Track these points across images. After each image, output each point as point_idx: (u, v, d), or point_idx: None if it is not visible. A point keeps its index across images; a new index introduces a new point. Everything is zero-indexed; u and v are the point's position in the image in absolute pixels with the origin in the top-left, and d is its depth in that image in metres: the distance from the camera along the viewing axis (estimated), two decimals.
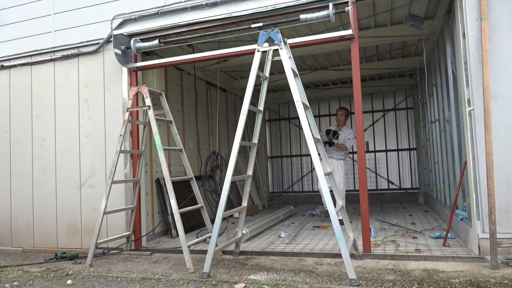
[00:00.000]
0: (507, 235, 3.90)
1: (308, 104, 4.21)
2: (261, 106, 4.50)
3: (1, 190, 6.09)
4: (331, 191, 3.83)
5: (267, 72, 4.44)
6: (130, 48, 5.41)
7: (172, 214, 4.81)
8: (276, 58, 4.27)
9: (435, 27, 6.08)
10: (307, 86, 9.92)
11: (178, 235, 4.36)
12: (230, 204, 8.14)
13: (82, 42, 5.75)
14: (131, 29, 5.45)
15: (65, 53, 5.82)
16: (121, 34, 5.46)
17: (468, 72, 4.19)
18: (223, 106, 9.08)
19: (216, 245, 3.96)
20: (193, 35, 5.29)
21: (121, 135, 4.82)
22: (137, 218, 5.39)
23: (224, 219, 4.00)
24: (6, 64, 6.18)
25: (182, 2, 5.27)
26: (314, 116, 4.80)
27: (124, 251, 5.20)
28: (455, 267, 3.81)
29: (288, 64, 4.07)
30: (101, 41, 5.59)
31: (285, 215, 7.50)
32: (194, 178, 5.15)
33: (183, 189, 6.15)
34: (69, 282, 3.96)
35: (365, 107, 10.39)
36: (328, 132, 6.78)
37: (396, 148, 10.42)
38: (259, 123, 4.53)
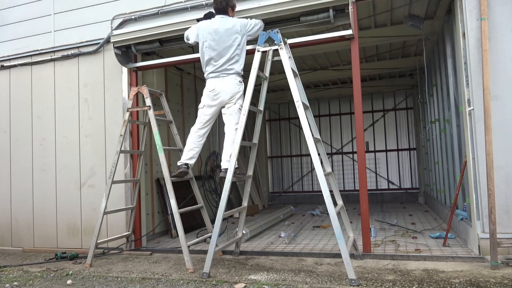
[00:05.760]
0: (507, 235, 3.90)
1: (308, 104, 4.21)
2: (261, 106, 4.50)
3: (1, 190, 6.09)
4: (331, 191, 3.83)
5: (267, 72, 4.44)
6: (130, 48, 5.42)
7: (172, 214, 4.82)
8: (276, 58, 4.27)
9: (435, 27, 6.08)
10: (307, 86, 9.91)
11: (178, 235, 4.36)
12: (230, 204, 8.13)
13: (82, 42, 5.75)
14: (131, 29, 5.45)
15: (65, 53, 5.82)
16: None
17: (468, 72, 4.18)
18: None
19: (217, 245, 3.96)
20: None
21: (121, 135, 4.82)
22: (137, 218, 5.40)
23: (224, 219, 4.00)
24: (6, 64, 6.18)
25: (182, 2, 5.27)
26: (314, 116, 4.79)
27: (124, 251, 5.20)
28: (455, 267, 3.81)
29: (288, 64, 4.07)
30: (101, 41, 5.59)
31: (285, 215, 7.50)
32: (194, 178, 5.15)
33: (183, 189, 6.14)
34: (69, 282, 3.96)
35: (365, 107, 10.38)
36: None
37: (396, 148, 10.42)
38: (259, 123, 4.53)
